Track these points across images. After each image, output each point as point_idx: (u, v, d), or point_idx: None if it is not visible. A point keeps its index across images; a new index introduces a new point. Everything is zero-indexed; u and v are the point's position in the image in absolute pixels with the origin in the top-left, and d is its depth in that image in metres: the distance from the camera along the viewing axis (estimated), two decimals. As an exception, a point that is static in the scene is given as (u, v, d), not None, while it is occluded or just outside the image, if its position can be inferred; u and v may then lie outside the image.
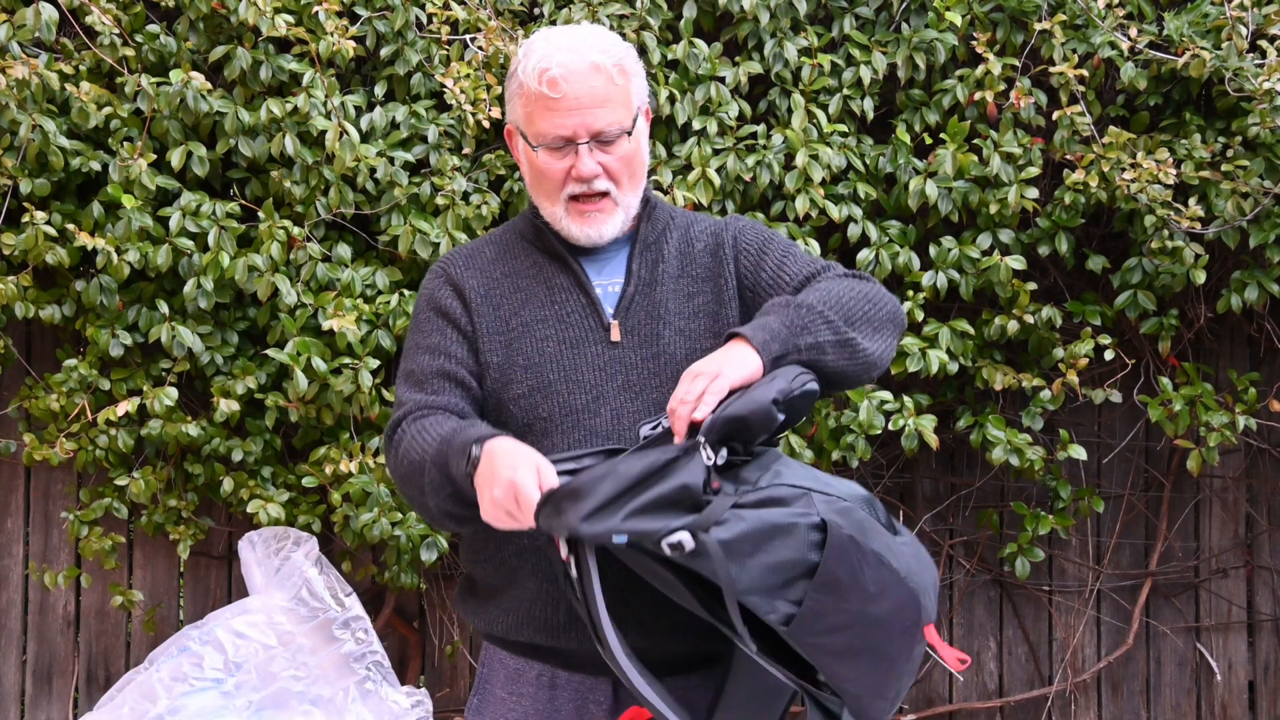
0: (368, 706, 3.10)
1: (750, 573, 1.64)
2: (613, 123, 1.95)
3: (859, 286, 1.96)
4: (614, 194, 1.99)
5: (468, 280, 2.05)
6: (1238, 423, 3.31)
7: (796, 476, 1.74)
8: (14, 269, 3.23)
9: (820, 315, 1.87)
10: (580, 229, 2.00)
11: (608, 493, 1.65)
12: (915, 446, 3.24)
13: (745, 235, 2.08)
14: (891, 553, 1.73)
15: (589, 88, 1.92)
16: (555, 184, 1.98)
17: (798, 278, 2.01)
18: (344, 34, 3.14)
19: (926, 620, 1.77)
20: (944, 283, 3.29)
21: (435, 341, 2.03)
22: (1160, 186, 3.17)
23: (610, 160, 1.96)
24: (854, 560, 1.68)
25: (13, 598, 3.53)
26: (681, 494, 1.66)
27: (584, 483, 1.67)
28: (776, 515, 1.67)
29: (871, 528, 1.72)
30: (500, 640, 2.02)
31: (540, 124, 1.95)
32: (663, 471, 1.68)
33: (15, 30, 3.10)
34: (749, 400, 1.72)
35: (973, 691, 3.64)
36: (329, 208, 3.20)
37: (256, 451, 3.26)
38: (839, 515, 1.70)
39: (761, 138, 3.30)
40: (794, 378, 1.77)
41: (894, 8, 3.35)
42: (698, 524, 1.65)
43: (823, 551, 1.66)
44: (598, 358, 1.98)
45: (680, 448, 1.71)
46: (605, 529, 1.65)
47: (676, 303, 2.02)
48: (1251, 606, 3.68)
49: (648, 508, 1.65)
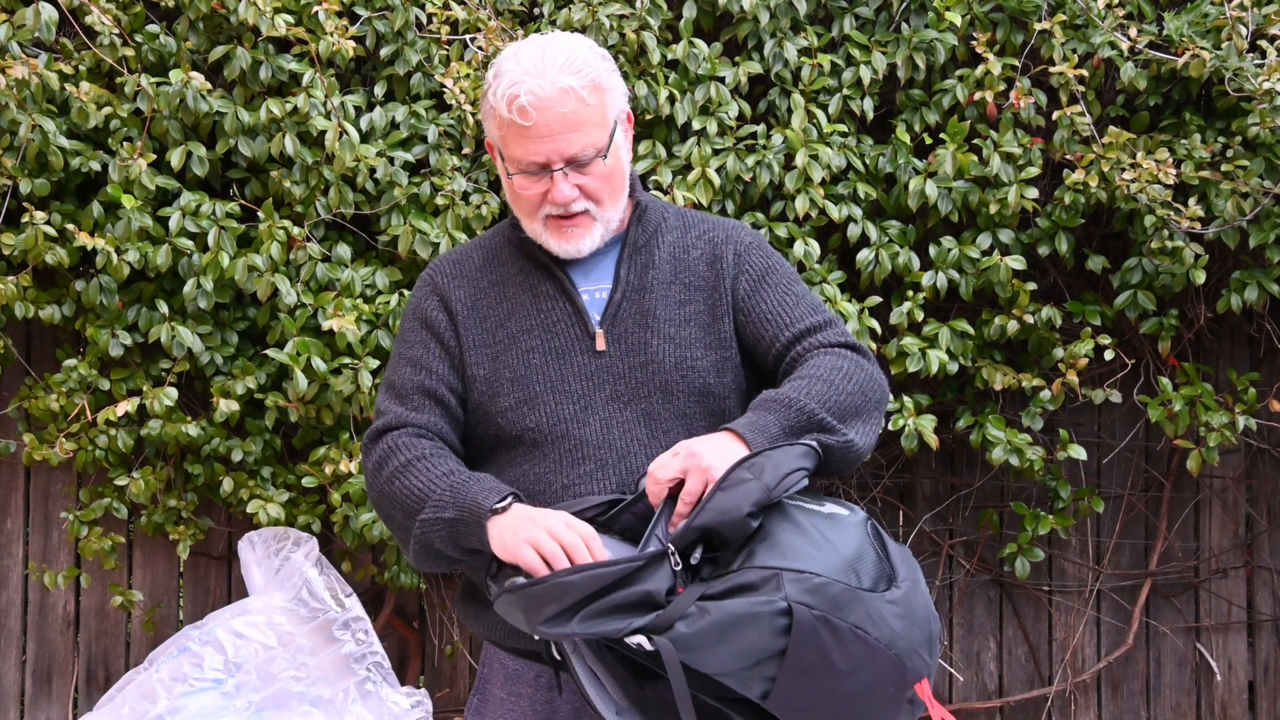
0: (368, 707, 3.10)
1: (721, 658, 1.63)
2: (587, 145, 1.91)
3: (853, 374, 1.92)
4: (593, 211, 1.96)
5: (454, 291, 2.03)
6: (1238, 423, 3.30)
7: (770, 555, 1.69)
8: (14, 269, 3.23)
9: (818, 422, 1.84)
10: (559, 244, 1.97)
11: (568, 601, 1.64)
12: (915, 447, 3.24)
13: (749, 256, 2.05)
14: (872, 621, 1.67)
15: (559, 115, 1.88)
16: (533, 206, 1.96)
17: (793, 327, 1.99)
18: (344, 34, 3.14)
19: (916, 679, 1.72)
20: (944, 283, 3.29)
21: (418, 355, 2.01)
22: (1160, 186, 3.17)
23: (587, 181, 1.94)
24: (824, 642, 1.64)
25: (12, 598, 3.53)
26: (643, 599, 1.65)
27: (548, 587, 1.66)
28: (740, 606, 1.64)
29: (849, 600, 1.66)
30: (500, 644, 2.02)
31: (514, 150, 1.92)
32: (630, 579, 1.66)
33: (15, 30, 3.10)
34: (719, 511, 1.69)
35: (973, 691, 3.64)
36: (329, 208, 3.20)
37: (256, 452, 3.26)
38: (810, 595, 1.64)
39: (761, 138, 3.30)
40: (778, 483, 1.73)
41: (894, 8, 3.35)
42: (657, 624, 1.64)
43: (789, 636, 1.63)
44: (584, 367, 1.96)
45: (649, 555, 1.69)
46: (562, 632, 1.64)
47: (666, 309, 1.99)
48: (1251, 606, 3.68)
49: (606, 610, 1.64)
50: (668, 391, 1.95)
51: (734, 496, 1.70)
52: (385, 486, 1.92)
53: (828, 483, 3.51)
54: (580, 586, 1.64)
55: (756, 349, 2.02)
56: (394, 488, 1.90)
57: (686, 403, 1.96)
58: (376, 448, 1.97)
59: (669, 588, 1.67)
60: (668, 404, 1.95)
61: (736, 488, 1.71)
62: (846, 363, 1.93)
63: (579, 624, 1.64)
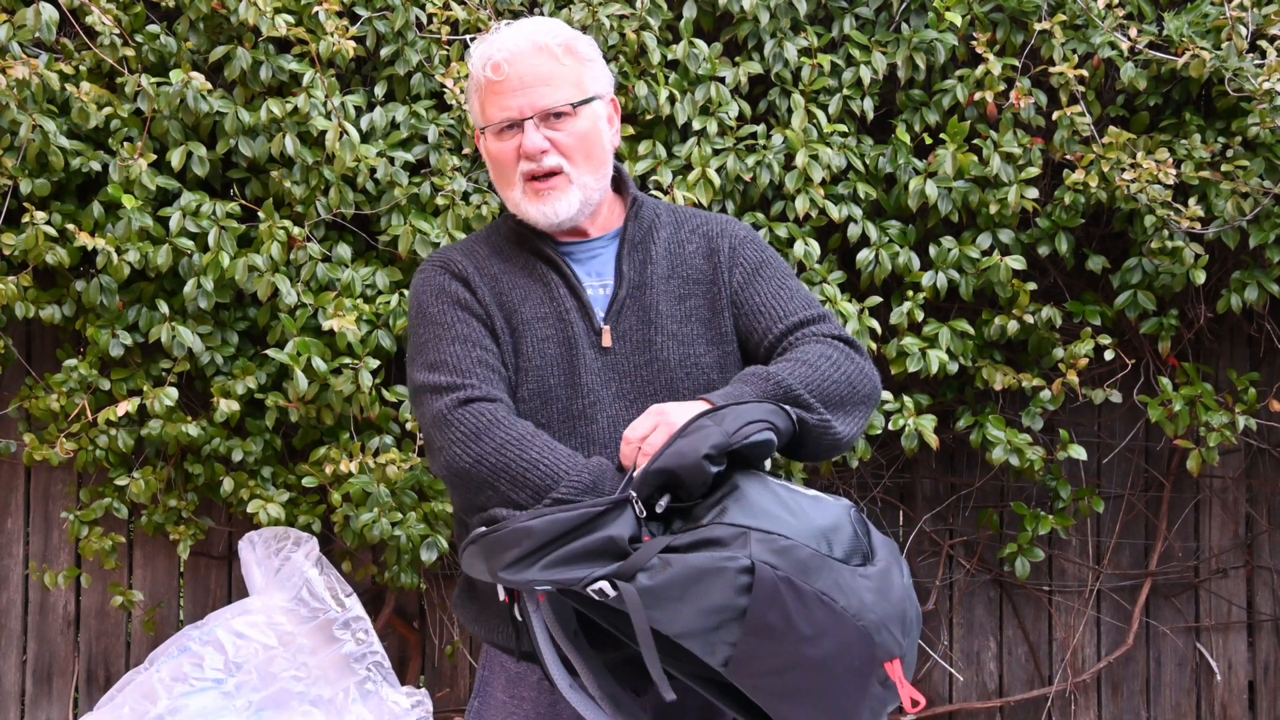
0: (368, 707, 3.10)
1: (684, 617, 1.61)
2: (558, 99, 1.94)
3: (842, 364, 1.92)
4: (567, 170, 1.96)
5: (472, 276, 2.01)
6: (1238, 423, 3.31)
7: (742, 514, 1.68)
8: (14, 269, 3.23)
9: (795, 397, 1.83)
10: (536, 208, 1.97)
11: (530, 546, 1.63)
12: (915, 446, 3.24)
13: (744, 250, 2.05)
14: (841, 590, 1.65)
15: (531, 66, 1.93)
16: (509, 166, 1.97)
17: (786, 319, 1.99)
18: (344, 34, 3.14)
19: (887, 657, 1.68)
20: (944, 283, 3.29)
21: (464, 331, 1.95)
22: (1160, 186, 3.17)
23: (560, 136, 1.95)
24: (787, 603, 1.61)
25: (13, 598, 3.53)
26: (607, 545, 1.64)
27: (508, 532, 1.65)
28: (703, 560, 1.63)
29: (817, 566, 1.65)
30: (500, 646, 2.01)
31: (489, 110, 1.96)
32: (592, 524, 1.65)
33: (15, 30, 3.10)
34: (677, 454, 1.69)
35: (973, 691, 3.64)
36: (329, 208, 3.20)
37: (256, 451, 3.26)
38: (776, 556, 1.63)
39: (761, 138, 3.30)
40: (738, 429, 1.71)
41: (894, 8, 3.35)
42: (619, 572, 1.62)
43: (748, 596, 1.61)
44: (593, 363, 1.96)
45: (611, 500, 1.68)
46: (524, 579, 1.63)
47: (668, 305, 1.99)
48: (1251, 606, 3.68)
49: (569, 558, 1.63)
50: (673, 388, 1.96)
51: (692, 441, 1.69)
52: (493, 458, 1.83)
53: (829, 481, 3.51)
54: (541, 531, 1.63)
55: (749, 341, 2.02)
56: (507, 459, 1.82)
57: (691, 399, 1.96)
58: (463, 417, 1.86)
59: (632, 535, 1.66)
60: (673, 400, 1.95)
61: (696, 434, 1.70)
62: (836, 353, 1.93)
63: (540, 571, 1.62)
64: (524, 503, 1.79)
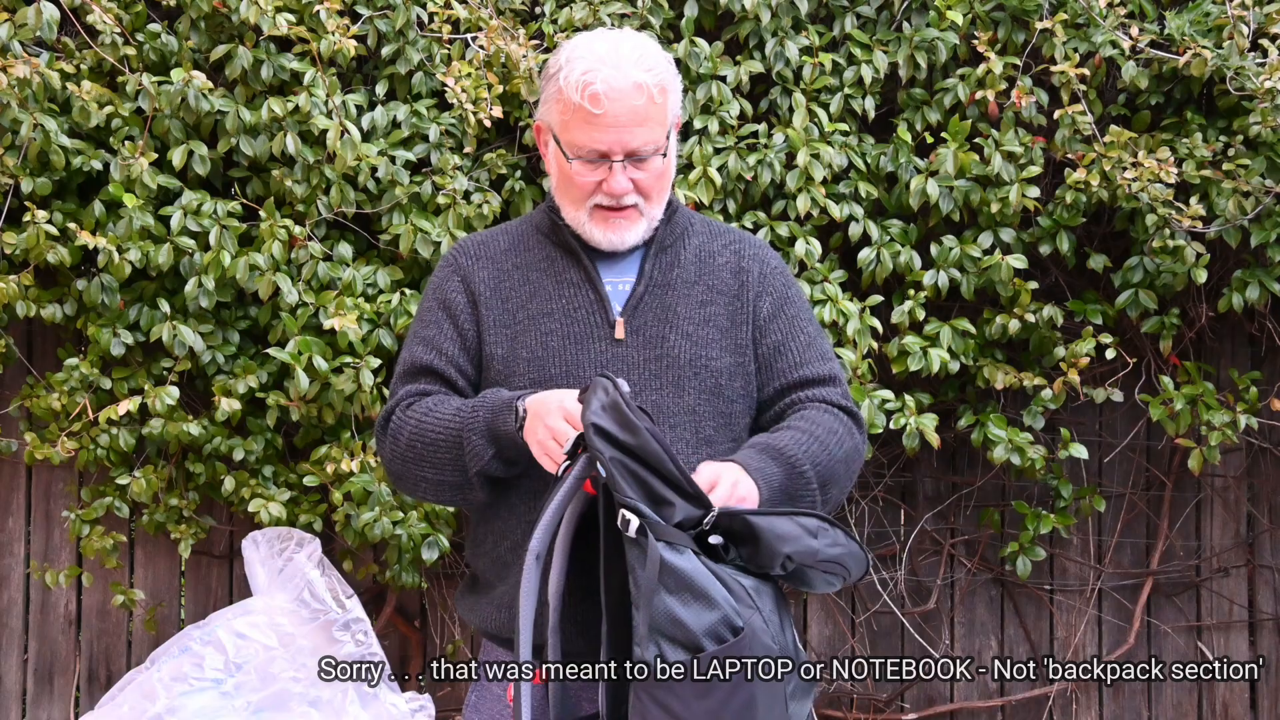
0: (367, 708, 3.10)
1: (658, 609, 1.66)
2: (649, 142, 1.96)
3: (845, 441, 2.00)
4: (641, 206, 2.00)
5: (478, 272, 2.06)
6: (1239, 422, 3.31)
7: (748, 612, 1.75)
8: (15, 268, 3.23)
9: (811, 490, 1.93)
10: (604, 234, 2.01)
11: (633, 444, 1.68)
12: (916, 445, 3.24)
13: (774, 278, 2.10)
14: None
15: (630, 107, 1.93)
16: (584, 193, 1.99)
17: (801, 370, 2.05)
18: (345, 33, 3.14)
19: None
20: (945, 282, 3.29)
21: (431, 334, 2.06)
22: (1161, 185, 3.17)
23: (642, 177, 1.98)
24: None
25: (14, 597, 3.53)
26: (662, 500, 1.69)
27: (638, 419, 1.71)
28: (718, 590, 1.69)
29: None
30: (494, 636, 2.03)
31: (577, 135, 1.95)
32: (674, 483, 1.71)
33: (16, 29, 3.10)
34: (770, 523, 1.76)
35: (973, 691, 3.64)
36: (330, 207, 3.20)
37: (258, 450, 3.26)
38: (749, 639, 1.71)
39: (763, 137, 3.30)
40: (824, 559, 1.79)
41: (895, 7, 3.35)
42: (655, 523, 1.68)
43: (718, 645, 1.67)
44: (601, 354, 1.98)
45: (700, 492, 1.75)
46: (602, 444, 1.68)
47: (688, 308, 2.03)
48: (1253, 605, 3.68)
49: (641, 479, 1.69)
50: (680, 386, 1.98)
51: (792, 531, 1.76)
52: (408, 451, 1.98)
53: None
54: (652, 452, 1.69)
55: (759, 373, 2.07)
56: (421, 443, 1.96)
57: (697, 399, 1.98)
58: (390, 425, 2.02)
59: (686, 519, 1.72)
60: (679, 399, 1.98)
61: (799, 527, 1.78)
62: (841, 428, 2.01)
63: (619, 463, 1.69)
64: (453, 479, 1.95)
